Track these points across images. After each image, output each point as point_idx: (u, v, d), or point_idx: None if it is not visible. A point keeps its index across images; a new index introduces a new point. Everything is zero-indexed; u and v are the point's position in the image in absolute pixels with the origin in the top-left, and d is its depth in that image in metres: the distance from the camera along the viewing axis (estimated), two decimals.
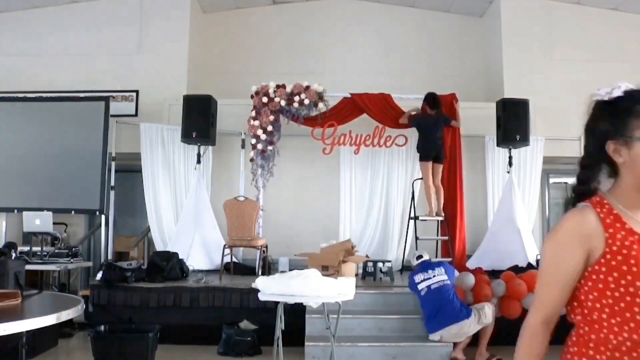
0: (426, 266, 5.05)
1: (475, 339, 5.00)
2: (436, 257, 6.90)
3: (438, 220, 7.05)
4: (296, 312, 4.90)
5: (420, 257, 5.21)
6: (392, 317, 5.23)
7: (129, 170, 7.82)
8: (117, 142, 7.35)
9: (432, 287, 4.86)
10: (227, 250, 6.43)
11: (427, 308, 4.86)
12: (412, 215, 6.98)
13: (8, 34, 8.42)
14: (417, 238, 6.65)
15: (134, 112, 7.96)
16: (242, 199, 6.61)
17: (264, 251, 6.58)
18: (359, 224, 7.54)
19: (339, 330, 4.10)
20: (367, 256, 6.83)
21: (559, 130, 7.66)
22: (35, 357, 4.86)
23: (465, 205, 7.21)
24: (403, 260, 6.97)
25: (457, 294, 4.96)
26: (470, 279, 5.34)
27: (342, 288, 3.81)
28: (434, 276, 4.90)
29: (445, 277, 4.90)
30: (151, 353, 4.55)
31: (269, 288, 3.81)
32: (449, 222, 6.97)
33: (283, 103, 7.00)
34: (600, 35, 8.30)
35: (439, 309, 4.75)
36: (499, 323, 5.40)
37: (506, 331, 5.42)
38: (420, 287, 4.92)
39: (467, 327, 4.77)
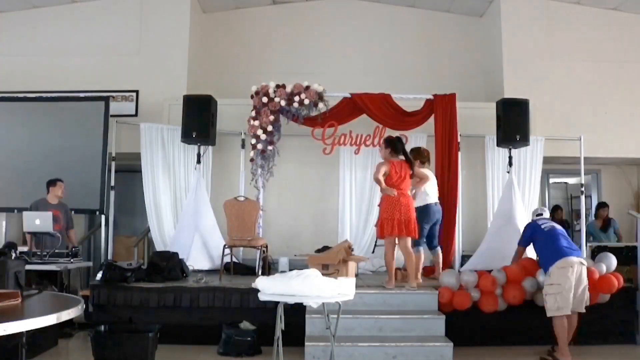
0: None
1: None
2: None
3: None
4: (296, 312, 4.90)
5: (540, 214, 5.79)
6: (392, 317, 5.23)
7: (129, 170, 7.82)
8: (117, 142, 7.34)
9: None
10: (227, 250, 6.42)
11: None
12: None
13: (8, 34, 8.43)
14: None
15: (134, 112, 7.97)
16: (242, 199, 6.61)
17: (264, 251, 6.58)
18: (359, 224, 7.54)
19: (339, 330, 4.09)
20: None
21: (559, 130, 7.67)
22: (35, 357, 4.85)
23: (460, 204, 7.18)
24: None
25: None
26: (473, 276, 5.44)
27: (342, 288, 3.80)
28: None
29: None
30: (151, 353, 4.55)
31: (269, 288, 3.80)
32: (447, 222, 6.96)
33: (283, 103, 6.98)
34: (600, 35, 8.30)
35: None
36: (499, 323, 5.42)
37: (507, 331, 5.47)
38: (543, 226, 5.39)
39: None
